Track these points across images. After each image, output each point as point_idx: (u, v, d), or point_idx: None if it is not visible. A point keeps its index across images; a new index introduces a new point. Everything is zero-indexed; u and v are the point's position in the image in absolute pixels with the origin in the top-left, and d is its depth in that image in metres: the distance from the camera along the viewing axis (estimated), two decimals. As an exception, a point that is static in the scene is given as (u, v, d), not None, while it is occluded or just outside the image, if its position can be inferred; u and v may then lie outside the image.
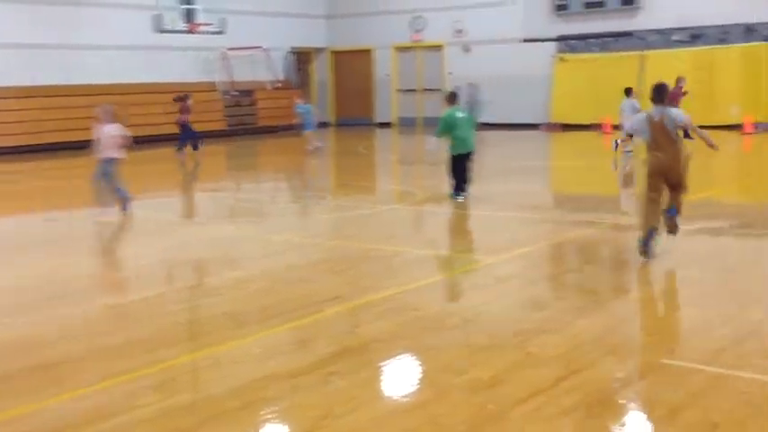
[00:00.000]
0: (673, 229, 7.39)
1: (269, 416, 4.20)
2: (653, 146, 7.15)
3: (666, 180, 7.15)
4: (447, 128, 10.82)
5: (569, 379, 4.48)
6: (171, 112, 20.58)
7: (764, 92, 21.07)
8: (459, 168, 10.87)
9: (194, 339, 5.53)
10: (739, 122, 20.51)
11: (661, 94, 7.26)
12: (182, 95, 18.90)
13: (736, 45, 21.55)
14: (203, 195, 13.70)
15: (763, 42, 21.23)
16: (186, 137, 18.37)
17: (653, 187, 7.16)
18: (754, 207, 10.28)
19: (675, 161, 7.09)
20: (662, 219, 7.23)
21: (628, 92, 16.47)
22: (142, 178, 15.51)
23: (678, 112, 7.22)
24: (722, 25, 21.76)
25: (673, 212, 7.29)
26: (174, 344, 5.36)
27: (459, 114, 11.00)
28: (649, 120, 7.15)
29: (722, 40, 21.81)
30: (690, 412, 4.03)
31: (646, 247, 7.05)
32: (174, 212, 11.27)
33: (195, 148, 18.40)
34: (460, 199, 10.78)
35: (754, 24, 21.36)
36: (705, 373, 4.54)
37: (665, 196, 7.25)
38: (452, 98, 11.23)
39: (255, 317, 5.91)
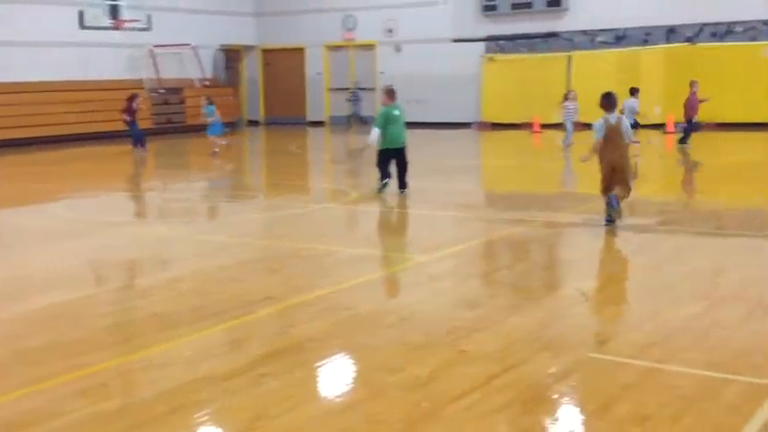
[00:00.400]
0: (613, 216, 8.52)
1: (201, 419, 4.12)
2: (608, 146, 8.50)
3: (613, 177, 8.48)
4: (384, 123, 11.09)
5: (503, 376, 4.52)
6: (96, 111, 20.13)
7: (685, 92, 21.65)
8: (385, 163, 11.30)
9: (124, 342, 5.39)
10: (662, 122, 21.07)
11: (611, 102, 8.70)
12: (130, 96, 18.86)
13: (658, 46, 22.13)
14: (131, 195, 13.41)
15: (685, 43, 21.85)
16: (133, 134, 18.56)
17: (605, 179, 8.55)
18: (677, 204, 10.55)
19: (624, 160, 8.56)
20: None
21: (633, 91, 16.62)
22: (68, 178, 15.12)
23: (628, 126, 8.72)
24: (645, 27, 22.32)
25: (614, 203, 8.51)
26: (103, 347, 5.22)
27: (396, 112, 11.22)
28: (607, 123, 8.50)
29: (645, 42, 22.38)
30: (621, 406, 4.10)
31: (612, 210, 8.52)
32: (102, 212, 11.00)
33: (137, 145, 18.56)
34: (384, 190, 11.21)
35: (675, 26, 21.97)
36: (635, 367, 4.63)
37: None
38: (391, 94, 11.43)
39: (187, 318, 5.80)
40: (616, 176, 8.49)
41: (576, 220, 9.22)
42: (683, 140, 17.27)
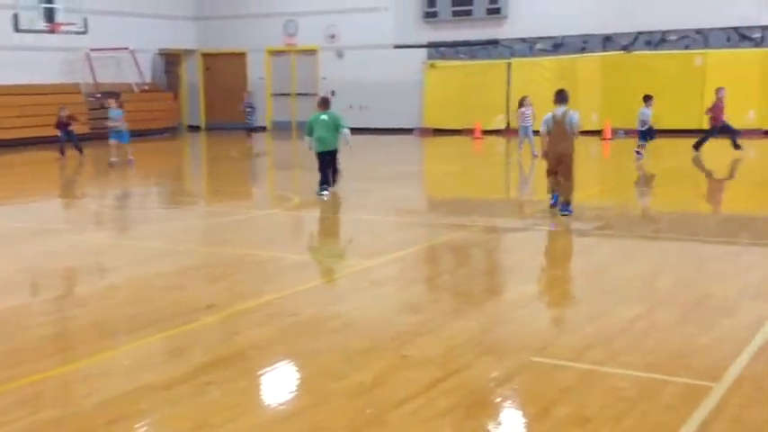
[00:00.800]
0: (562, 209, 9.32)
1: (141, 429, 4.04)
2: (553, 138, 9.29)
3: (558, 166, 9.25)
4: (309, 129, 11.71)
5: (446, 380, 4.54)
6: (27, 116, 19.69)
7: (621, 99, 22.13)
8: (323, 166, 11.66)
9: (62, 352, 5.27)
10: (599, 128, 21.48)
11: (562, 97, 9.71)
12: (60, 107, 18.38)
13: (595, 54, 22.56)
14: (69, 202, 13.13)
15: (620, 52, 22.32)
16: (72, 141, 18.17)
17: (550, 170, 9.38)
18: (613, 209, 10.76)
19: (567, 153, 9.26)
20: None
21: (646, 99, 16.75)
22: (3, 184, 14.74)
23: (577, 119, 9.50)
24: (582, 35, 22.74)
25: (554, 199, 9.41)
26: (39, 357, 5.09)
27: (323, 117, 11.68)
28: (554, 117, 9.36)
29: (582, 49, 22.79)
30: (563, 408, 4.16)
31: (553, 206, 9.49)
32: (38, 219, 10.74)
33: (62, 151, 18.14)
34: (324, 195, 11.40)
35: (611, 35, 22.43)
36: (576, 370, 4.70)
37: (557, 184, 9.43)
38: (323, 103, 12.04)
39: (126, 327, 5.70)
40: (561, 167, 9.19)
41: (517, 225, 9.34)
42: (697, 145, 17.39)
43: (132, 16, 25.60)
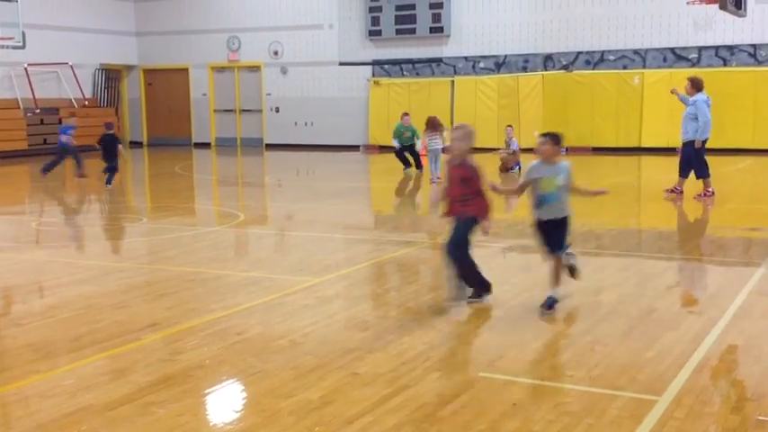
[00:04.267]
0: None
1: (85, 452, 3.94)
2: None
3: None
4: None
5: (395, 397, 4.53)
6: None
7: (562, 117, 22.53)
8: None
9: (-2, 374, 5.11)
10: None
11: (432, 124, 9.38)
12: None
13: (536, 73, 22.94)
14: (4, 219, 12.81)
15: (561, 71, 22.73)
16: None
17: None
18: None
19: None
20: None
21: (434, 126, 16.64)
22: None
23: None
24: (523, 54, 23.11)
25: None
26: (-26, 380, 4.93)
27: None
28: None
29: (524, 68, 23.15)
30: (510, 423, 4.18)
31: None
32: (-28, 237, 10.45)
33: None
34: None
35: (552, 54, 22.84)
36: (524, 385, 4.73)
37: None
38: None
39: (66, 347, 5.56)
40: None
41: (463, 242, 9.38)
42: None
43: (72, 31, 25.21)
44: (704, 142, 12.96)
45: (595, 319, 6.07)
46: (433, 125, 15.94)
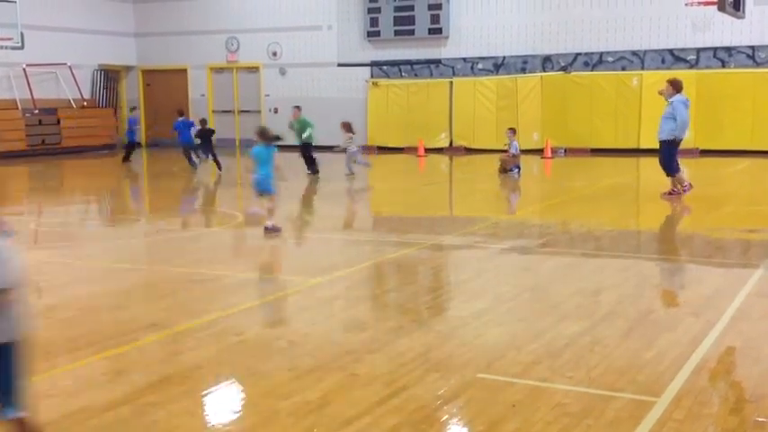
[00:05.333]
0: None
1: (83, 453, 3.94)
2: None
3: None
4: None
5: (393, 398, 4.53)
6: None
7: (561, 118, 22.55)
8: None
9: (-4, 374, 5.10)
10: (540, 147, 21.82)
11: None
12: None
13: (535, 74, 22.95)
14: (6, 218, 12.77)
15: (559, 72, 22.74)
16: None
17: None
18: (555, 227, 10.91)
19: None
20: None
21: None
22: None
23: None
24: (522, 55, 23.12)
25: None
26: (-28, 380, 4.92)
27: None
28: None
29: (523, 70, 23.16)
30: (509, 425, 4.17)
31: None
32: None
33: None
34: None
35: (551, 55, 22.85)
36: (522, 387, 4.72)
37: None
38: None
39: (65, 347, 5.55)
40: None
41: (462, 243, 9.39)
42: None
43: (71, 31, 25.20)
44: (679, 142, 13.03)
45: (594, 320, 6.07)
46: (346, 128, 17.31)
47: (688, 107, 13.08)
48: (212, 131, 19.80)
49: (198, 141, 19.25)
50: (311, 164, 17.64)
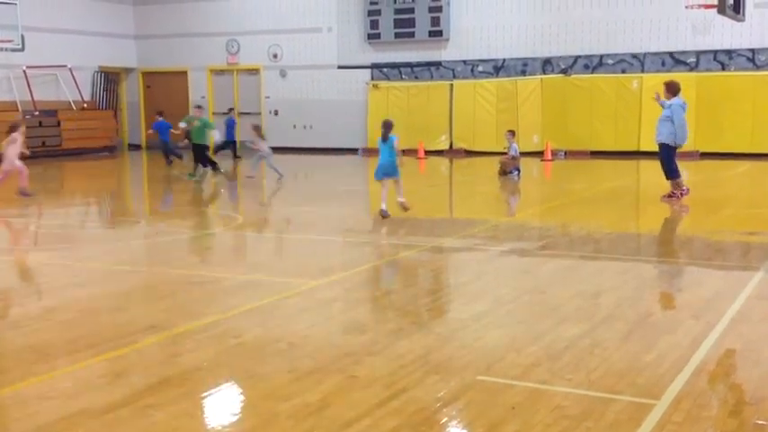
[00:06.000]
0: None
1: (82, 455, 3.93)
2: None
3: None
4: None
5: (393, 400, 4.52)
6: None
7: (561, 121, 22.55)
8: None
9: (-4, 376, 5.10)
10: (540, 149, 21.83)
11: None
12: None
13: (535, 77, 22.96)
14: (4, 221, 12.79)
15: (559, 74, 22.75)
16: None
17: None
18: (555, 229, 10.91)
19: None
20: None
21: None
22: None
23: None
24: (522, 58, 23.14)
25: None
26: (-28, 382, 4.92)
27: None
28: None
29: (523, 72, 23.18)
30: (508, 427, 4.17)
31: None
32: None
33: None
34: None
35: (551, 57, 22.86)
36: (522, 389, 4.72)
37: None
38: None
39: (64, 349, 5.55)
40: None
41: (461, 245, 9.39)
42: None
43: (71, 33, 25.22)
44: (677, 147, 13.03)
45: (594, 322, 6.07)
46: (257, 131, 17.40)
47: (685, 110, 13.08)
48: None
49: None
50: (211, 163, 17.41)
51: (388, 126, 11.62)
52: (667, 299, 7.22)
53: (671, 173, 13.00)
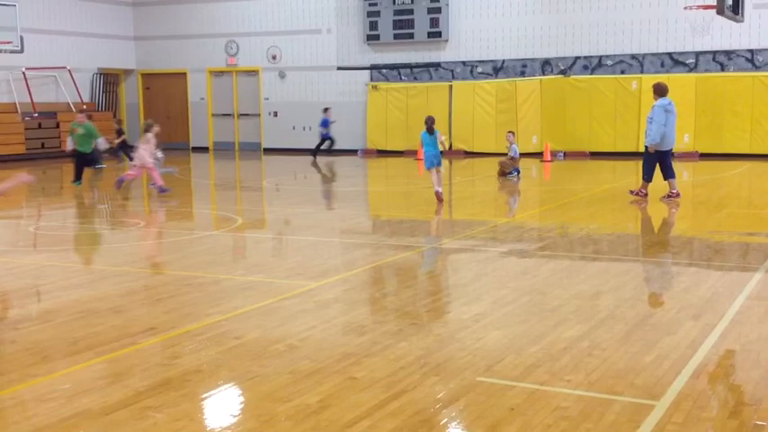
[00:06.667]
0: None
1: (81, 457, 3.93)
2: None
3: None
4: None
5: (393, 402, 4.52)
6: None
7: (560, 122, 22.56)
8: None
9: (-5, 378, 5.10)
10: (540, 150, 21.84)
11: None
12: None
13: (534, 78, 22.96)
14: (3, 222, 12.79)
15: (559, 75, 22.76)
16: None
17: None
18: (554, 230, 10.91)
19: None
20: None
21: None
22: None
23: None
24: (521, 59, 23.15)
25: None
26: (-29, 384, 4.92)
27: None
28: None
29: (522, 73, 23.18)
30: (508, 428, 4.17)
31: None
32: (-31, 241, 10.44)
33: None
34: None
35: (550, 58, 22.87)
36: (521, 390, 4.72)
37: None
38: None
39: (64, 351, 5.55)
40: None
41: (461, 246, 9.40)
42: None
43: (71, 35, 25.23)
44: (659, 148, 13.04)
45: (593, 323, 6.07)
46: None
47: (671, 111, 13.02)
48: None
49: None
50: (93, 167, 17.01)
51: (431, 121, 13.15)
52: (667, 300, 7.22)
53: (646, 174, 13.20)
